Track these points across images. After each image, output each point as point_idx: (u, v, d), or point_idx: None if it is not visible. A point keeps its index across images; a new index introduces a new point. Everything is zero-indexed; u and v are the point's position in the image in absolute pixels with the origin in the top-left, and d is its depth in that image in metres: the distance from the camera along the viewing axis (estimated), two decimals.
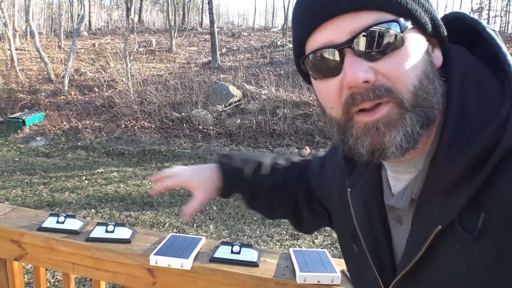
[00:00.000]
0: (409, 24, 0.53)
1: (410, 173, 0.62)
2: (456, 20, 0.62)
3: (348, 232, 0.76)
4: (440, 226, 0.53)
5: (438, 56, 0.59)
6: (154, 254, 1.20)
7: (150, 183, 6.26)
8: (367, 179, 0.70)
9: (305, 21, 0.56)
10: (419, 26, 0.55)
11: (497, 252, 0.48)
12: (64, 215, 1.42)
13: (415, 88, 0.52)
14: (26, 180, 6.32)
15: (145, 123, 9.59)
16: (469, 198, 0.50)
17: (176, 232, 4.35)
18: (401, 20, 0.52)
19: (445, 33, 0.60)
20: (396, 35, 0.52)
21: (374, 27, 0.51)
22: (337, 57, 0.53)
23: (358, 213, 0.71)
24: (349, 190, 0.74)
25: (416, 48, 0.54)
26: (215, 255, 1.21)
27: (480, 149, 0.50)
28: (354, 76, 0.51)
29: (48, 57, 14.63)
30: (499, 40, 0.57)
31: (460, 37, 0.62)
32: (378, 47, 0.51)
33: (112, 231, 1.33)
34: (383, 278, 0.65)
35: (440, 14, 0.61)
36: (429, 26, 0.56)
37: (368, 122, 0.54)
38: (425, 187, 0.58)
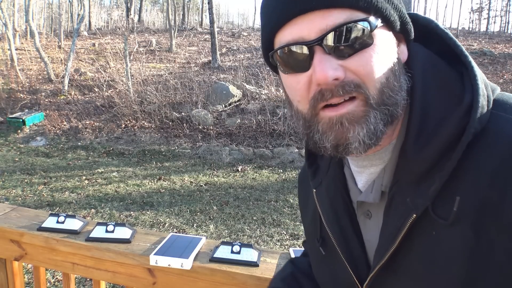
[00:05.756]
0: (378, 23, 0.54)
1: (376, 165, 0.62)
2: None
3: (315, 235, 0.76)
4: (414, 215, 0.54)
5: (404, 51, 0.60)
6: (154, 254, 1.20)
7: (150, 183, 6.26)
8: (330, 178, 0.71)
9: (276, 15, 0.55)
10: (388, 24, 0.56)
11: (474, 234, 0.49)
12: (64, 215, 1.42)
13: (382, 85, 0.53)
14: (26, 180, 6.31)
15: (145, 123, 9.58)
16: (442, 184, 0.51)
17: (176, 232, 4.35)
18: (371, 18, 0.53)
19: (412, 30, 0.62)
20: (366, 33, 0.52)
21: (345, 25, 0.51)
22: (307, 54, 0.53)
23: (325, 212, 0.71)
24: (314, 191, 0.74)
25: (384, 45, 0.55)
26: (215, 255, 1.22)
27: (447, 136, 0.51)
28: (323, 74, 0.52)
29: (48, 57, 14.64)
30: (453, 36, 0.60)
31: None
32: (348, 45, 0.52)
33: (112, 231, 1.33)
34: (357, 275, 0.65)
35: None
36: (398, 23, 0.57)
37: (332, 117, 0.54)
38: (395, 178, 0.59)
